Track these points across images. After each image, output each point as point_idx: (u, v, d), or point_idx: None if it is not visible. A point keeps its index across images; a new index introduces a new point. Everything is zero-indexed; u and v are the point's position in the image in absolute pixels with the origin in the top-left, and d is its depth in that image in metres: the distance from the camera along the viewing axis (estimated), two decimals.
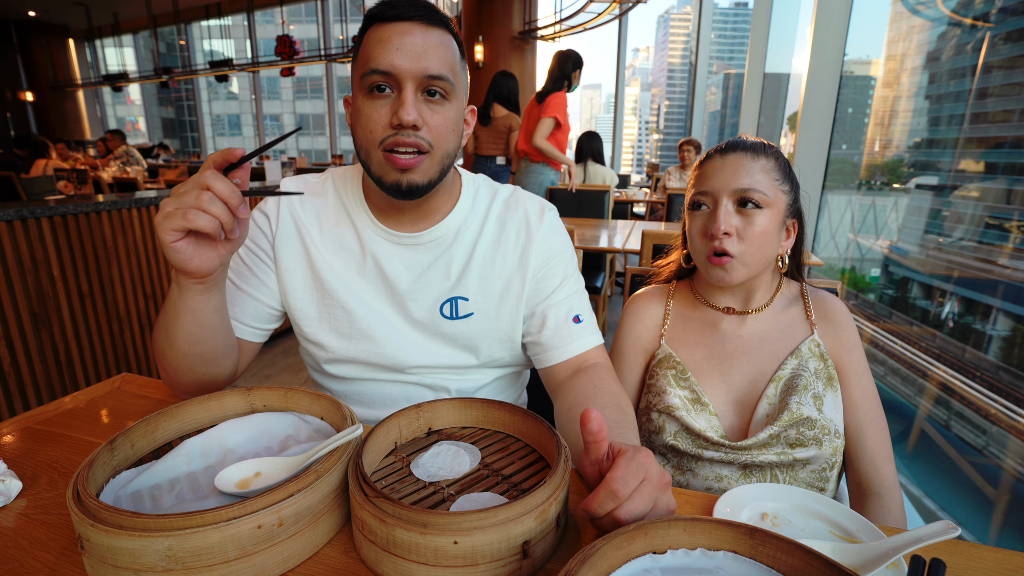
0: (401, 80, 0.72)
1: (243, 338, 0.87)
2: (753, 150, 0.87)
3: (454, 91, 0.76)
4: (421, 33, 0.73)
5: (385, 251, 0.85)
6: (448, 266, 0.86)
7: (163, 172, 6.93)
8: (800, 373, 0.85)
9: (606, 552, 0.42)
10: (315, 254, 0.86)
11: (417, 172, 0.75)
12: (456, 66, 0.77)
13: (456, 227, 0.87)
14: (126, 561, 0.44)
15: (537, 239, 0.88)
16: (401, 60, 0.72)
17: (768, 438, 0.82)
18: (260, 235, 0.87)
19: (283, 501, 0.49)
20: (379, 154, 0.75)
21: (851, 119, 4.25)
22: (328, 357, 0.88)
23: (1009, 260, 2.59)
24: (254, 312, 0.87)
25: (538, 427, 0.65)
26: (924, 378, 2.63)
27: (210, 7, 13.24)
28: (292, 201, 0.88)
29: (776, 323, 0.91)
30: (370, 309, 0.86)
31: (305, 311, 0.87)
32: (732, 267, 0.85)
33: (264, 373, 3.13)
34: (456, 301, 0.87)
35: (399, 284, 0.85)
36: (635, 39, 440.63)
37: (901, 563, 0.52)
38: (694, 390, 0.89)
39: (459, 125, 0.79)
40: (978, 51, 3.08)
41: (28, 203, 2.42)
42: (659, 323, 0.98)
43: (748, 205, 0.84)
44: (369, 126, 0.74)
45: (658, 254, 1.85)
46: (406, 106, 0.72)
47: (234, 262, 0.87)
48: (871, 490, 0.84)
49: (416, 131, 0.73)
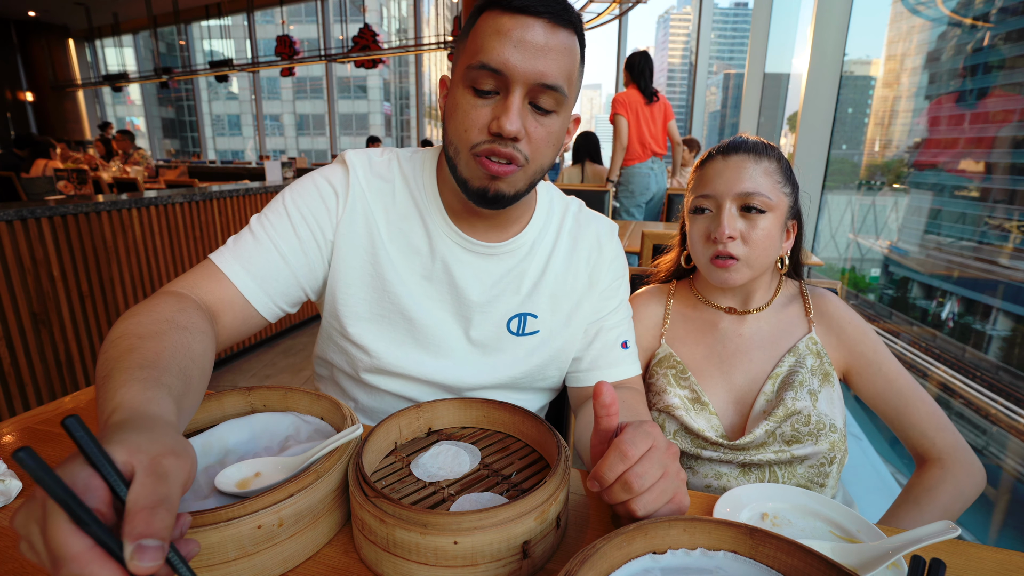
0: (511, 83, 0.64)
1: (259, 311, 0.74)
2: (755, 152, 0.86)
3: (565, 103, 0.69)
4: (545, 33, 0.64)
5: (457, 257, 0.78)
6: (520, 280, 0.81)
7: (163, 172, 6.93)
8: (797, 370, 0.86)
9: (606, 552, 0.42)
10: (380, 248, 0.77)
11: (506, 182, 0.69)
12: (574, 74, 0.69)
13: (532, 240, 0.82)
14: None
15: (607, 260, 0.86)
16: (517, 60, 0.63)
17: (764, 435, 0.82)
18: (323, 210, 0.76)
19: (283, 501, 0.49)
20: (470, 157, 0.69)
21: (851, 119, 4.25)
22: (371, 365, 0.80)
23: (1009, 260, 2.59)
24: (286, 291, 0.76)
25: (538, 427, 0.65)
26: (924, 378, 2.63)
27: (210, 7, 13.23)
28: (360, 179, 0.78)
29: (776, 322, 0.92)
30: (434, 318, 0.79)
31: (355, 309, 0.79)
32: (736, 269, 0.85)
33: (264, 373, 3.13)
34: (525, 317, 0.82)
35: (469, 295, 0.79)
36: (635, 39, 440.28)
37: (901, 563, 0.52)
38: (694, 389, 0.89)
39: (561, 139, 0.72)
40: (978, 51, 3.08)
41: (28, 203, 2.42)
42: (659, 322, 0.98)
43: (752, 210, 0.84)
44: (465, 124, 0.67)
45: (658, 254, 1.85)
46: (510, 114, 0.64)
47: (279, 224, 0.75)
48: (930, 458, 0.83)
49: (516, 142, 0.67)
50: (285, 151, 40.61)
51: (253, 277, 0.72)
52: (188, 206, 2.93)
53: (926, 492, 0.80)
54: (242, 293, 0.71)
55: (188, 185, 4.81)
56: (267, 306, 0.74)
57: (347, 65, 12.38)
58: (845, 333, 0.89)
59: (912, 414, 0.85)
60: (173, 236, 2.86)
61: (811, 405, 0.82)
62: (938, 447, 0.82)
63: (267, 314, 0.75)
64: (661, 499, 0.50)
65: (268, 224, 0.75)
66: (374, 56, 10.23)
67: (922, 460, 0.85)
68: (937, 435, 0.83)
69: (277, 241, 0.74)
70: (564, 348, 0.84)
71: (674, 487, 0.51)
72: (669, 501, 0.51)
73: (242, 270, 0.72)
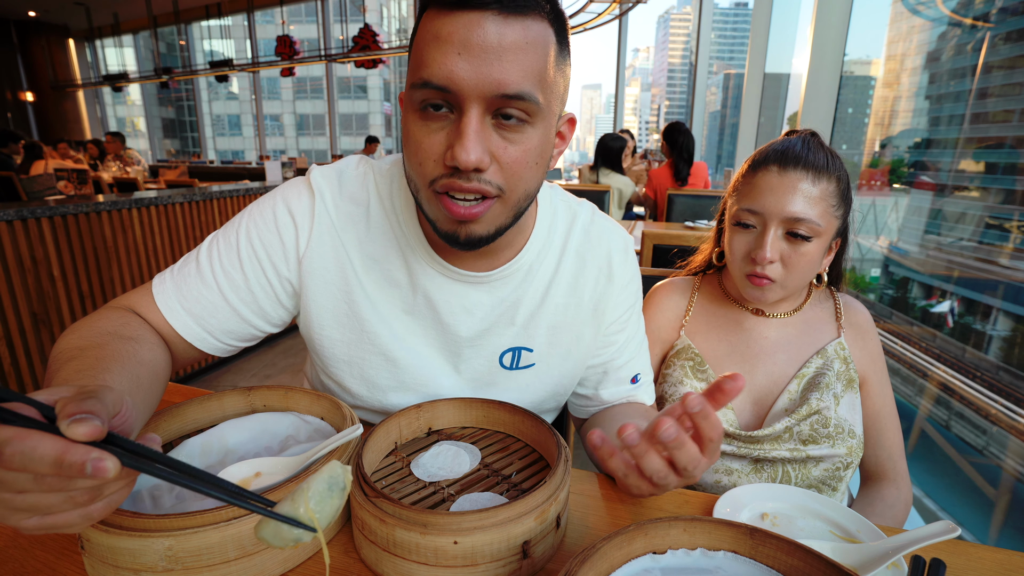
0: (462, 100, 0.52)
1: (201, 349, 0.69)
2: (815, 170, 0.78)
3: (540, 111, 0.55)
4: (497, 29, 0.50)
5: (441, 288, 0.68)
6: (515, 309, 0.71)
7: (163, 172, 6.93)
8: (824, 372, 0.86)
9: (606, 552, 0.42)
10: (354, 284, 0.68)
11: (480, 223, 0.57)
12: (548, 70, 0.54)
13: (529, 263, 0.71)
14: (126, 561, 0.44)
15: (617, 286, 0.75)
16: (464, 71, 0.50)
17: (783, 430, 0.82)
18: (277, 245, 0.68)
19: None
20: (431, 195, 0.57)
21: (851, 119, 4.25)
22: (353, 403, 0.75)
23: (1009, 260, 2.59)
24: (230, 329, 0.69)
25: (538, 427, 0.65)
26: (924, 378, 2.63)
27: (210, 7, 13.23)
28: (328, 206, 0.68)
29: (804, 326, 0.91)
30: (419, 356, 0.71)
31: (332, 351, 0.71)
32: (771, 289, 0.83)
33: (264, 373, 3.13)
34: (520, 351, 0.73)
35: (457, 329, 0.70)
36: (635, 39, 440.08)
37: (901, 563, 0.52)
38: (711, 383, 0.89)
39: (545, 153, 0.58)
40: (978, 51, 3.08)
41: (28, 203, 2.42)
42: (680, 314, 0.97)
43: (798, 237, 0.79)
44: (418, 157, 0.55)
45: (659, 254, 1.85)
46: (464, 142, 0.52)
47: (227, 258, 0.68)
48: (887, 477, 0.89)
49: (481, 173, 0.54)
50: (285, 151, 40.60)
51: (191, 314, 0.67)
52: (188, 206, 2.93)
53: (889, 508, 0.86)
54: (175, 331, 0.66)
55: (188, 185, 4.81)
56: (207, 342, 0.68)
57: (347, 65, 12.38)
58: (868, 347, 0.90)
59: (888, 436, 0.90)
60: (173, 236, 2.86)
61: (833, 408, 0.83)
62: (897, 470, 0.89)
63: (209, 350, 0.70)
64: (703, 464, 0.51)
65: (215, 255, 0.68)
66: (374, 56, 10.23)
67: (878, 477, 0.90)
68: (900, 460, 0.90)
69: (220, 278, 0.67)
70: (563, 382, 0.78)
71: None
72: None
73: (179, 305, 0.66)
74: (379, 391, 0.72)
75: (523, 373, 0.75)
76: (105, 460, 0.32)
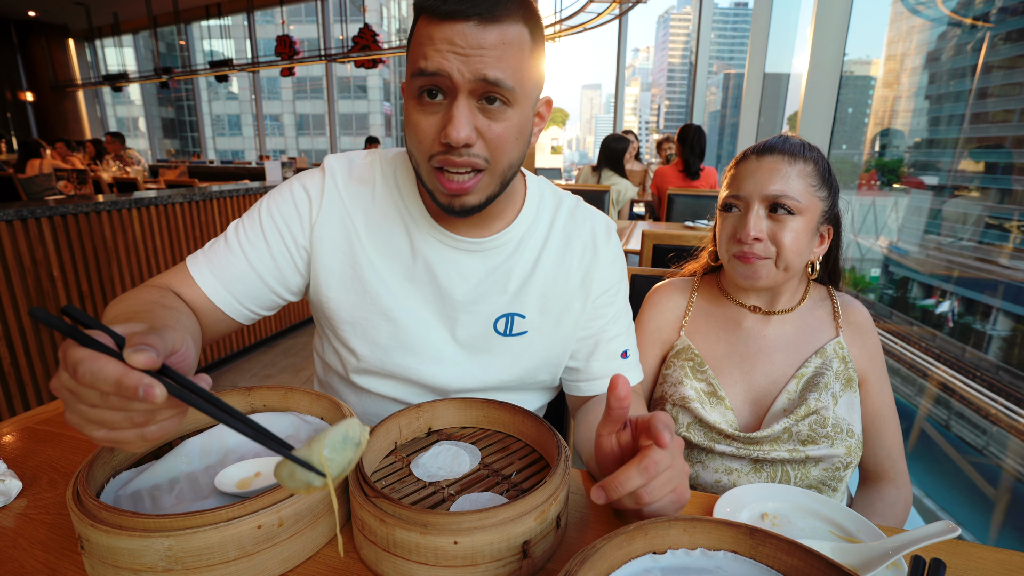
0: (452, 87, 0.63)
1: (229, 315, 0.76)
2: (791, 153, 0.84)
3: (517, 97, 0.65)
4: (478, 33, 0.61)
5: (440, 255, 0.77)
6: (507, 278, 0.79)
7: (163, 172, 6.93)
8: (823, 372, 0.86)
9: (606, 552, 0.42)
10: (359, 250, 0.77)
11: (472, 194, 0.68)
12: (522, 64, 0.65)
13: (520, 236, 0.79)
14: (126, 561, 0.44)
15: (603, 262, 0.82)
16: (452, 63, 0.61)
17: (782, 431, 0.82)
18: (294, 215, 0.77)
19: (283, 501, 0.49)
20: (430, 169, 0.68)
21: (851, 119, 4.25)
22: (358, 367, 0.81)
23: (1009, 260, 2.59)
24: (255, 295, 0.77)
25: (538, 427, 0.65)
26: (924, 378, 2.63)
27: (210, 7, 13.22)
28: (338, 183, 0.78)
29: (803, 325, 0.92)
30: (417, 319, 0.78)
31: (338, 312, 0.79)
32: (761, 266, 0.85)
33: (264, 373, 3.13)
34: (512, 317, 0.79)
35: (453, 293, 0.77)
36: (635, 39, 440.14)
37: (901, 563, 0.52)
38: (711, 383, 0.89)
39: (525, 130, 0.69)
40: (978, 51, 3.08)
41: (28, 203, 2.42)
42: (680, 315, 0.98)
43: (779, 211, 0.83)
44: (418, 136, 0.66)
45: (659, 255, 1.85)
46: (455, 121, 0.62)
47: (251, 230, 0.77)
48: (887, 477, 0.90)
49: (469, 148, 0.65)
50: (285, 151, 40.60)
51: (221, 281, 0.74)
52: (188, 206, 2.93)
53: (889, 508, 0.86)
54: (208, 297, 0.74)
55: (188, 185, 4.81)
56: (235, 308, 0.76)
57: (347, 65, 12.38)
58: (867, 346, 0.90)
59: (888, 436, 0.90)
60: (173, 236, 2.86)
61: (831, 408, 0.83)
62: (897, 470, 0.90)
63: (236, 316, 0.77)
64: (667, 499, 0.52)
65: (242, 230, 0.77)
66: (374, 56, 10.23)
67: (878, 477, 0.91)
68: (899, 460, 0.91)
69: (246, 247, 0.76)
70: (554, 351, 0.82)
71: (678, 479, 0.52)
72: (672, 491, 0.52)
73: (210, 274, 0.74)
74: (381, 350, 0.79)
75: (517, 340, 0.81)
76: (155, 387, 0.37)
